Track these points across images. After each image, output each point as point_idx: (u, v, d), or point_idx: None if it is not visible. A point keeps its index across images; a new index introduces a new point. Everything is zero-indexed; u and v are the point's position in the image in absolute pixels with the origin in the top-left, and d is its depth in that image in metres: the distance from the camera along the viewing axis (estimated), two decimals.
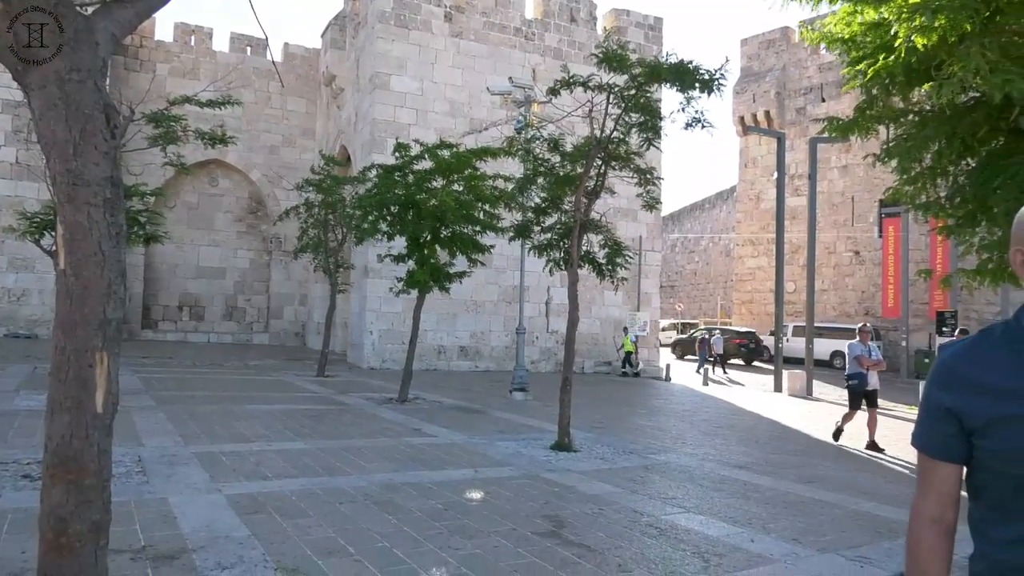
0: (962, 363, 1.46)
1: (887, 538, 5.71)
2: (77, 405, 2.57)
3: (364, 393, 14.43)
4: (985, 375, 1.42)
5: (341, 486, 6.48)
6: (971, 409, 1.42)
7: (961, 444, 1.45)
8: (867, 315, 32.11)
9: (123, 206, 2.68)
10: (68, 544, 2.55)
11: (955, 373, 1.46)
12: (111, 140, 2.61)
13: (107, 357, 2.62)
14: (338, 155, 24.69)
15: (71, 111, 2.52)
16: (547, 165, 10.09)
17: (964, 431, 1.44)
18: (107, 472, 2.68)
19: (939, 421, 1.48)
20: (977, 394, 1.42)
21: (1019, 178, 4.43)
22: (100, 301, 2.57)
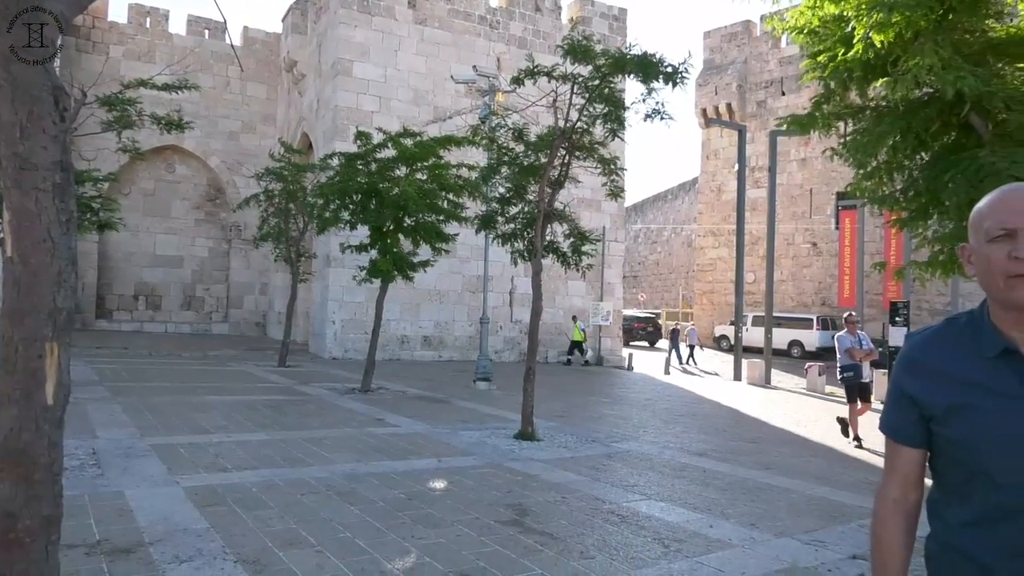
0: (924, 351, 1.50)
1: (841, 522, 5.86)
2: (26, 397, 2.50)
3: (326, 383, 14.30)
4: (945, 364, 1.45)
5: (303, 477, 6.41)
6: (930, 397, 1.46)
7: (922, 430, 1.49)
8: (823, 305, 32.82)
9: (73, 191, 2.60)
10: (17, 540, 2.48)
11: (917, 361, 1.50)
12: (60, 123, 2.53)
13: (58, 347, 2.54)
14: (299, 142, 24.35)
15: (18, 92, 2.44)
16: (511, 154, 10.08)
17: (924, 417, 1.48)
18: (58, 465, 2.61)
19: (902, 407, 1.52)
20: (936, 382, 1.45)
21: (969, 172, 4.55)
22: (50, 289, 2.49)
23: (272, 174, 17.06)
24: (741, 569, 4.54)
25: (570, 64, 8.98)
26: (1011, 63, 4.97)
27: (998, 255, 1.37)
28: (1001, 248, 1.37)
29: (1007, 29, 4.96)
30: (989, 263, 1.39)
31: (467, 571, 4.26)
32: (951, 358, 1.46)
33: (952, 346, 1.47)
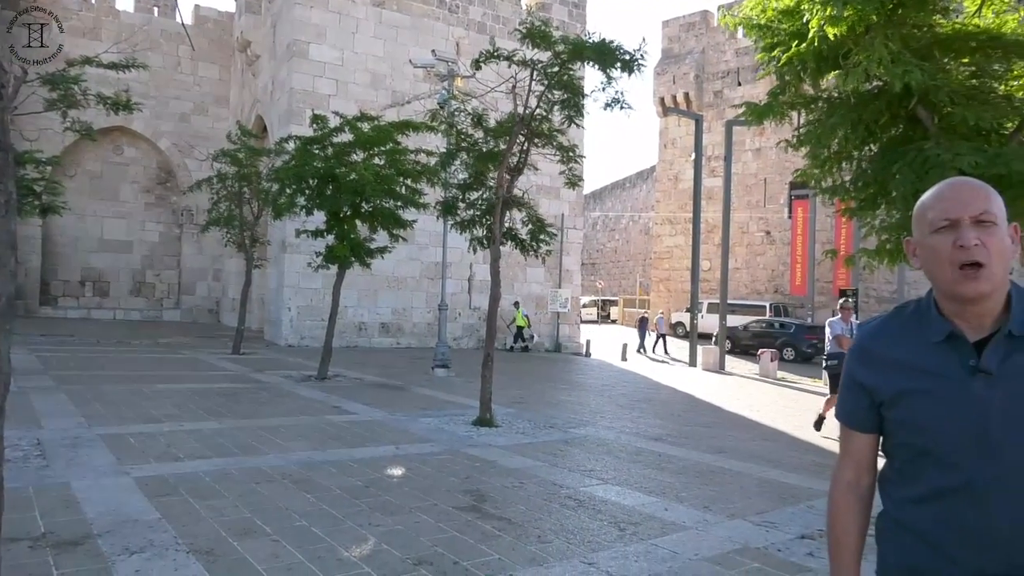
0: (873, 339, 1.55)
1: (790, 503, 6.02)
2: None
3: (282, 371, 14.10)
4: (894, 351, 1.50)
5: (258, 466, 6.33)
6: (879, 383, 1.50)
7: (873, 416, 1.54)
8: (776, 293, 33.55)
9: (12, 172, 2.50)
10: None
11: (867, 349, 1.55)
12: None
13: None
14: (254, 125, 23.83)
15: None
16: (470, 140, 10.02)
17: (875, 404, 1.53)
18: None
19: (854, 394, 1.58)
20: (886, 369, 1.50)
21: (915, 164, 4.69)
22: None
23: (227, 156, 16.66)
24: (695, 550, 4.64)
25: (529, 49, 8.96)
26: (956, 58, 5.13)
27: (943, 245, 1.40)
28: (945, 239, 1.40)
29: (952, 25, 5.10)
30: (935, 254, 1.42)
31: (425, 557, 4.26)
32: (899, 345, 1.50)
33: (900, 333, 1.51)
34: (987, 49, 5.01)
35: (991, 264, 1.37)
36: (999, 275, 1.39)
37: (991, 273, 1.37)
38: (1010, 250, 1.41)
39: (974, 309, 1.41)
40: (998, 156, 4.54)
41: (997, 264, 1.38)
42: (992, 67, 5.13)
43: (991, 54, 5.04)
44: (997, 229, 1.39)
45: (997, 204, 1.40)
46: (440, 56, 17.18)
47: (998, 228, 1.39)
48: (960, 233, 1.39)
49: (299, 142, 13.02)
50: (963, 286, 1.39)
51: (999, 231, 1.39)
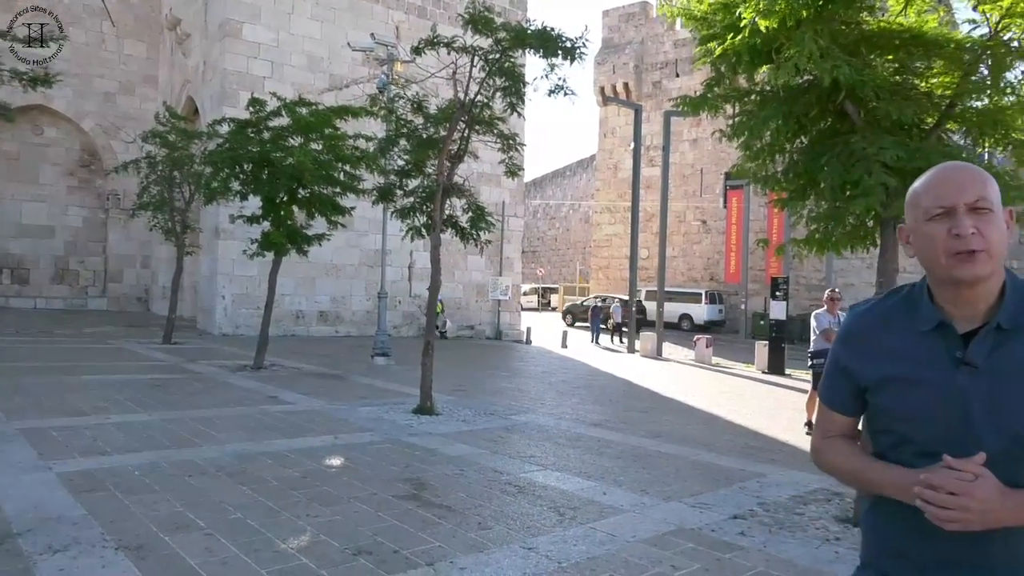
0: (861, 324, 1.53)
1: (724, 485, 6.21)
2: None
3: (216, 360, 13.73)
4: (881, 336, 1.48)
5: (190, 458, 6.16)
6: (864, 368, 1.49)
7: (855, 400, 1.54)
8: (712, 281, 34.40)
9: None
10: None
11: (854, 334, 1.54)
12: None
13: None
14: (184, 107, 23.00)
15: None
16: (410, 127, 9.91)
17: (859, 388, 1.52)
18: None
19: (837, 378, 1.57)
20: (871, 354, 1.49)
21: (843, 156, 4.86)
22: None
23: (156, 137, 16.02)
24: (632, 533, 4.74)
25: (471, 35, 8.90)
26: (881, 55, 5.31)
27: (938, 233, 1.38)
28: (940, 226, 1.38)
29: (878, 23, 5.29)
30: (930, 242, 1.40)
31: (364, 547, 4.23)
32: (888, 331, 1.48)
33: (890, 319, 1.49)
34: (910, 47, 5.21)
35: (989, 251, 1.36)
36: (996, 260, 1.38)
37: (988, 258, 1.36)
38: (1006, 236, 1.39)
39: (969, 293, 1.39)
40: (919, 150, 4.74)
41: (995, 250, 1.36)
42: (914, 64, 5.34)
43: (913, 52, 5.24)
44: (993, 216, 1.37)
45: (992, 189, 1.38)
46: (379, 40, 16.89)
47: (994, 215, 1.37)
48: (956, 221, 1.36)
49: (233, 125, 12.63)
50: (959, 269, 1.37)
51: (995, 217, 1.37)
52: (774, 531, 4.93)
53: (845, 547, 4.66)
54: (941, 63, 5.23)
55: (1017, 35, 4.96)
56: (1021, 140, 5.21)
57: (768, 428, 9.67)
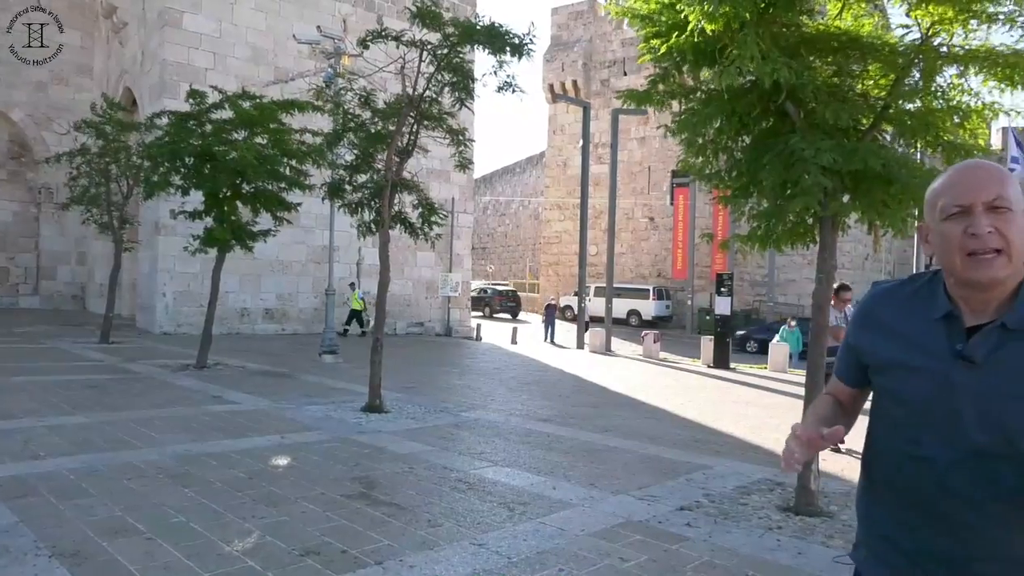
0: (876, 303, 1.56)
1: (671, 477, 6.33)
2: None
3: (156, 360, 13.34)
4: (893, 319, 1.50)
5: (129, 461, 5.98)
6: (870, 348, 1.54)
7: (857, 373, 1.60)
8: (659, 277, 34.95)
9: None
10: None
11: (867, 311, 1.57)
12: None
13: None
14: (122, 98, 22.23)
15: None
16: (358, 121, 9.78)
17: (861, 364, 1.58)
18: None
19: (846, 351, 1.64)
20: (881, 335, 1.51)
21: (783, 156, 4.99)
22: None
23: (92, 128, 15.43)
24: (581, 527, 4.79)
25: (419, 30, 8.83)
26: (820, 57, 5.47)
27: (954, 232, 1.37)
28: (957, 225, 1.37)
29: (817, 26, 5.45)
30: (947, 241, 1.39)
31: (312, 547, 4.18)
32: (901, 314, 1.49)
33: (906, 303, 1.50)
34: (847, 50, 5.37)
35: (1009, 250, 1.34)
36: (1016, 261, 1.35)
37: (1007, 259, 1.34)
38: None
39: (983, 295, 1.38)
40: (855, 151, 4.89)
41: (1015, 251, 1.34)
42: (851, 67, 5.51)
43: (850, 55, 5.41)
44: (1012, 215, 1.34)
45: (1013, 188, 1.35)
46: (326, 33, 16.64)
47: (1013, 214, 1.34)
48: (972, 220, 1.35)
49: (174, 117, 12.27)
50: (975, 272, 1.35)
51: (1015, 216, 1.34)
52: (719, 521, 5.04)
53: (787, 535, 4.80)
54: (876, 66, 5.41)
55: (946, 40, 5.16)
56: (951, 142, 5.42)
57: (714, 421, 9.88)
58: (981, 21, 4.96)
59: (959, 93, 5.28)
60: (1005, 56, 4.94)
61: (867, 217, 5.38)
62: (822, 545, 4.64)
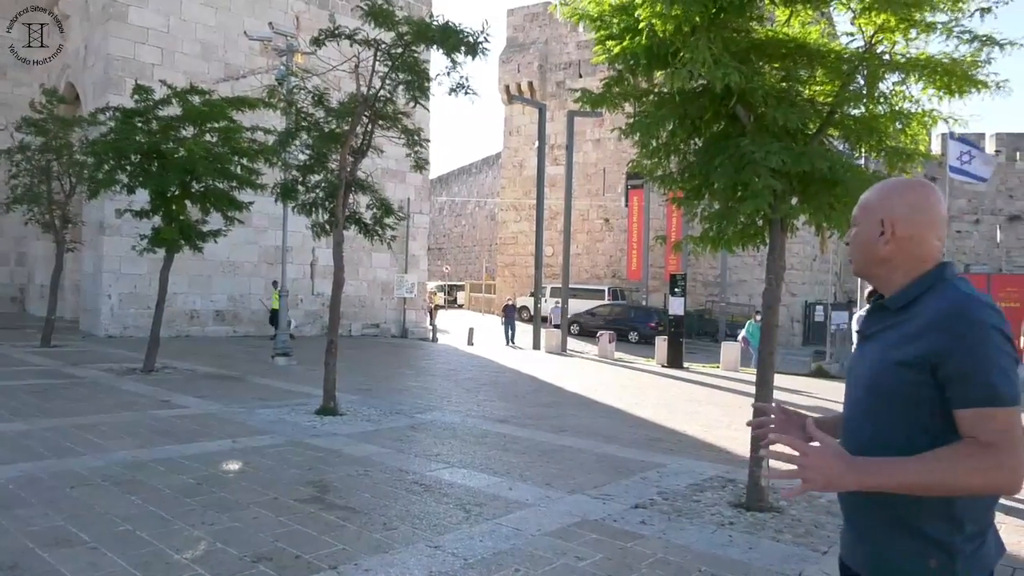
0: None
1: (625, 476, 6.39)
2: None
3: (102, 364, 12.94)
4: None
5: (73, 468, 5.79)
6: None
7: None
8: (614, 278, 35.28)
9: None
10: None
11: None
12: None
13: None
14: (64, 93, 21.50)
15: None
16: (311, 120, 9.65)
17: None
18: None
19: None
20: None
21: (734, 159, 5.09)
22: None
23: (32, 126, 14.88)
24: (537, 526, 4.80)
25: (372, 28, 8.75)
26: (769, 62, 5.60)
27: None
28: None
29: (766, 31, 5.57)
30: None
31: (264, 553, 4.10)
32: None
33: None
34: (795, 56, 5.51)
35: (853, 254, 1.72)
36: (857, 263, 1.72)
37: (852, 261, 1.73)
38: (872, 241, 1.64)
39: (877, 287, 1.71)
40: (803, 154, 5.02)
41: (856, 255, 1.71)
42: (799, 72, 5.66)
43: (798, 60, 5.55)
44: (857, 229, 1.69)
45: (862, 207, 1.68)
46: (278, 30, 16.38)
47: (858, 228, 1.68)
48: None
49: (119, 114, 11.92)
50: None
51: (858, 230, 1.68)
52: (673, 518, 5.11)
53: (738, 531, 4.90)
54: (822, 72, 5.56)
55: (889, 49, 5.33)
56: (893, 147, 5.61)
57: (667, 420, 10.01)
58: (921, 30, 5.14)
59: (901, 100, 5.47)
60: (944, 65, 5.13)
61: (814, 219, 5.52)
62: (772, 540, 4.74)
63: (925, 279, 1.59)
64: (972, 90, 5.19)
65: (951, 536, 1.48)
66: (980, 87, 5.18)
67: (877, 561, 1.58)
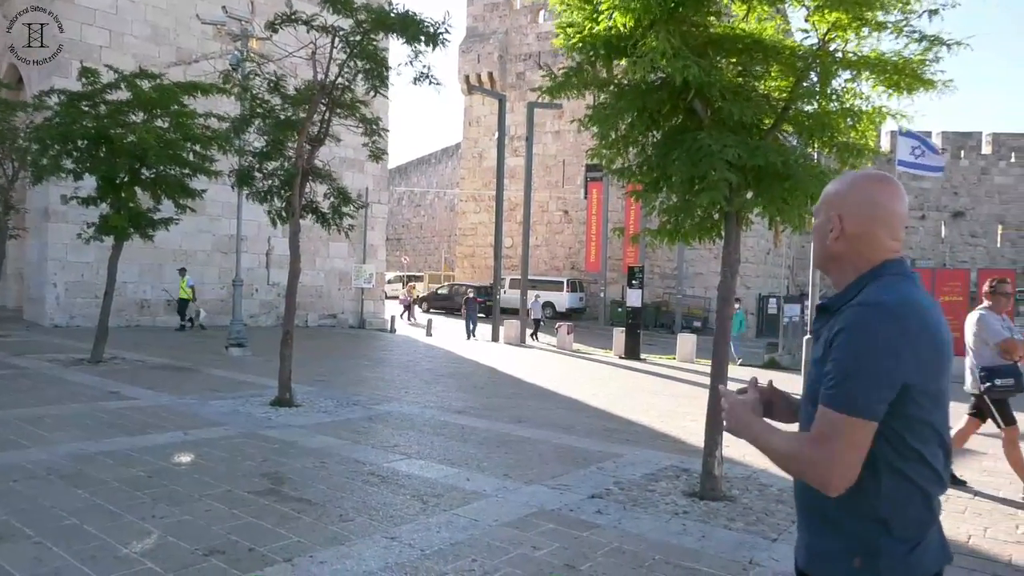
0: None
1: (582, 466, 6.45)
2: None
3: (46, 354, 12.54)
4: None
5: (16, 462, 5.60)
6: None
7: None
8: (573, 269, 35.48)
9: None
10: None
11: None
12: None
13: None
14: (7, 75, 20.72)
15: None
16: (266, 107, 9.46)
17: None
18: None
19: None
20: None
21: (691, 152, 5.15)
22: None
23: None
24: (494, 517, 4.82)
25: (330, 14, 8.61)
26: (726, 57, 5.67)
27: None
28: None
29: (723, 27, 5.64)
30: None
31: (217, 546, 4.03)
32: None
33: None
34: (751, 51, 5.59)
35: (813, 248, 1.72)
36: (815, 257, 1.70)
37: (814, 254, 1.71)
38: (826, 236, 1.62)
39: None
40: (757, 149, 5.11)
41: (814, 248, 1.70)
42: (755, 68, 5.74)
43: (754, 56, 5.63)
44: (817, 222, 1.67)
45: (822, 200, 1.66)
46: (232, 14, 16.00)
47: (817, 221, 1.67)
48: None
49: (65, 97, 11.52)
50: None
51: (816, 223, 1.67)
52: (628, 508, 5.18)
53: (692, 520, 4.98)
54: (777, 68, 5.65)
55: (841, 46, 5.45)
56: (844, 143, 5.74)
57: (624, 410, 10.13)
58: (872, 29, 5.26)
59: (852, 96, 5.60)
60: (893, 63, 5.26)
61: (768, 212, 5.62)
62: (725, 528, 4.84)
63: (862, 279, 1.56)
64: (920, 88, 5.34)
65: (877, 537, 1.48)
66: (928, 86, 5.33)
67: (808, 555, 1.60)
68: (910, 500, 1.48)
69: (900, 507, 1.48)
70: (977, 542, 4.80)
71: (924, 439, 1.48)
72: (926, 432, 1.48)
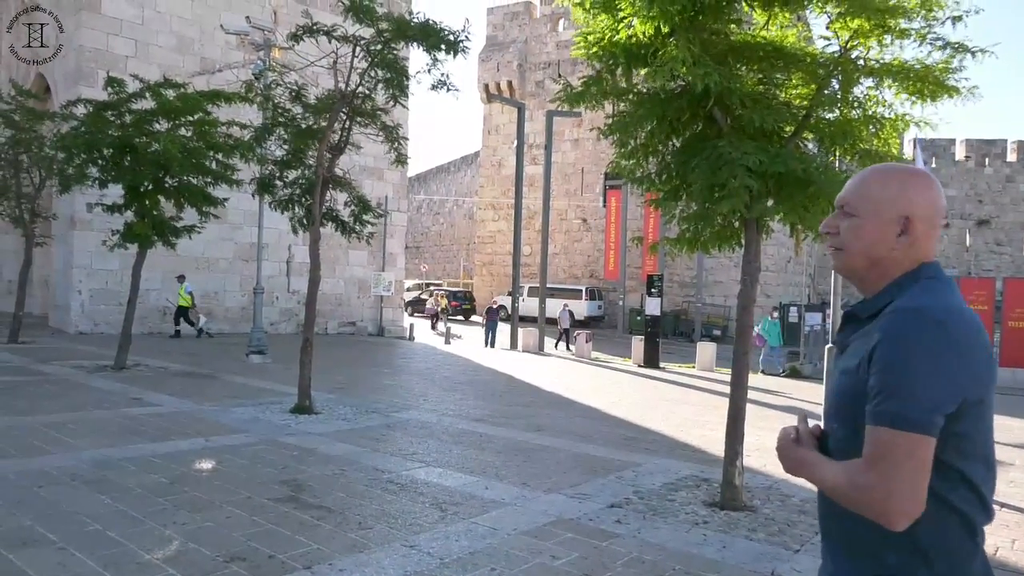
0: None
1: (601, 475, 6.41)
2: None
3: (71, 361, 12.72)
4: None
5: (41, 468, 5.68)
6: None
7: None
8: (592, 277, 35.41)
9: None
10: None
11: None
12: None
13: None
14: (33, 84, 21.11)
15: None
16: (288, 115, 9.56)
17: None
18: None
19: None
20: None
21: (711, 160, 5.13)
22: None
23: (1, 117, 14.59)
24: (513, 526, 4.80)
25: (352, 24, 8.69)
26: (747, 65, 5.65)
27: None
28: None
29: (744, 35, 5.62)
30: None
31: (238, 553, 4.06)
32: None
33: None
34: (772, 59, 5.57)
35: (845, 248, 1.47)
36: (855, 259, 1.47)
37: (844, 255, 1.48)
38: (882, 240, 1.43)
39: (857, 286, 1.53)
40: (778, 156, 5.08)
41: (850, 248, 1.47)
42: (776, 75, 5.72)
43: (775, 64, 5.61)
44: (853, 219, 1.46)
45: (865, 195, 1.45)
46: (255, 24, 16.21)
47: (854, 218, 1.45)
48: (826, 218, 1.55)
49: (91, 106, 11.72)
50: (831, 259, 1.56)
51: (855, 220, 1.45)
52: (647, 517, 5.14)
53: (712, 529, 4.93)
54: (799, 76, 5.62)
55: (863, 54, 5.41)
56: (866, 150, 5.68)
57: (643, 419, 10.06)
58: (895, 36, 5.22)
59: (874, 104, 5.55)
60: (916, 70, 5.21)
61: (789, 219, 5.58)
62: (745, 538, 4.78)
63: (900, 282, 1.43)
64: (944, 96, 5.28)
65: (915, 570, 1.34)
66: (952, 93, 5.27)
67: None
68: (952, 528, 1.34)
69: (940, 536, 1.34)
70: (1005, 554, 4.71)
71: (967, 458, 1.34)
72: (969, 450, 1.34)
